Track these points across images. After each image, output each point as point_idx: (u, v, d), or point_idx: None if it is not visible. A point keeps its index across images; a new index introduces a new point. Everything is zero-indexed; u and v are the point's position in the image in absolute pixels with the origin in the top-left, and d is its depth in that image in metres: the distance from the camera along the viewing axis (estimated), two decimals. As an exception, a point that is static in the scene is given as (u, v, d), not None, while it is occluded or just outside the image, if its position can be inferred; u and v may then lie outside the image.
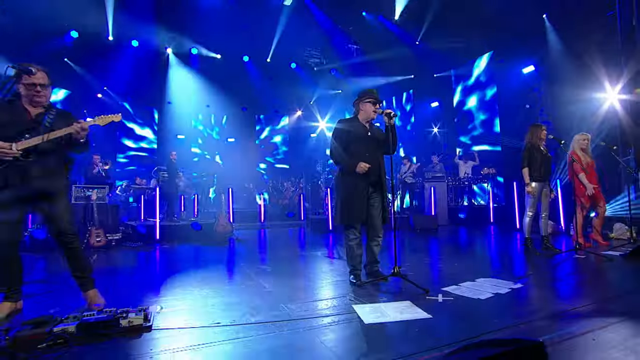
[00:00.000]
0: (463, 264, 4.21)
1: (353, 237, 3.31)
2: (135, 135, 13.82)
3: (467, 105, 12.00)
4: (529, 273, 3.65)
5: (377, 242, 3.40)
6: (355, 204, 3.19)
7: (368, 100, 3.32)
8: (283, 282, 3.51)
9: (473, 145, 11.63)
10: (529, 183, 4.66)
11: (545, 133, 4.80)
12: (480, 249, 5.51)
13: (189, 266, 4.47)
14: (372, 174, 3.24)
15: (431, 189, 8.40)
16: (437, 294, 2.88)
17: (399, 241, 6.33)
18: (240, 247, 6.00)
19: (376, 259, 3.43)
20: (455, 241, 6.29)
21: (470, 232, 7.32)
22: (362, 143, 3.26)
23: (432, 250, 5.38)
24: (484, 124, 11.45)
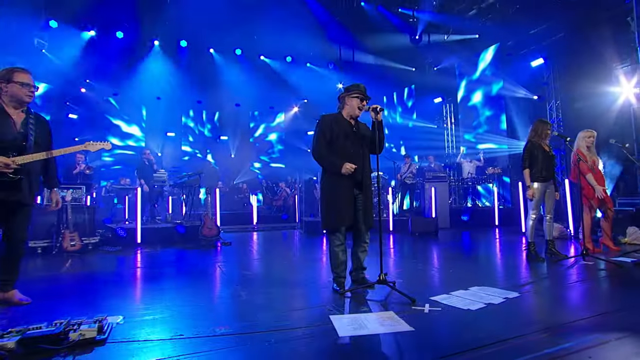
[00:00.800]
0: (459, 271, 4.12)
1: (338, 243, 3.23)
2: (121, 133, 13.79)
3: (472, 101, 11.95)
4: (529, 281, 3.54)
5: (363, 247, 3.34)
6: (341, 207, 3.11)
7: (355, 95, 3.23)
8: (262, 289, 3.46)
9: (478, 143, 11.56)
10: (530, 185, 4.55)
11: (549, 130, 4.68)
12: (480, 254, 5.43)
13: (166, 272, 4.42)
14: (358, 174, 3.16)
15: (432, 189, 8.32)
16: (424, 303, 2.77)
17: (394, 246, 6.30)
18: (227, 251, 5.98)
19: (362, 265, 3.36)
20: (455, 246, 6.22)
21: (472, 236, 7.26)
22: (347, 141, 3.18)
23: (428, 255, 5.32)
24: (490, 120, 11.37)
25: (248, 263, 4.98)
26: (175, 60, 12.36)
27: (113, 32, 10.64)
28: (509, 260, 4.74)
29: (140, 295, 3.35)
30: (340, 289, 3.17)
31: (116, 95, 13.00)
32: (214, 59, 13.14)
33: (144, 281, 3.95)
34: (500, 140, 10.74)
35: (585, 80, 8.25)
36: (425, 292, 3.10)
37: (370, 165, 3.32)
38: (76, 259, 5.14)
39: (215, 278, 4.05)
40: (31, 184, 2.88)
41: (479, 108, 11.73)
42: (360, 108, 3.22)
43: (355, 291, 3.17)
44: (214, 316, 2.70)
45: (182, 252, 5.81)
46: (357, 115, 3.27)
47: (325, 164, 3.19)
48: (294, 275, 4.10)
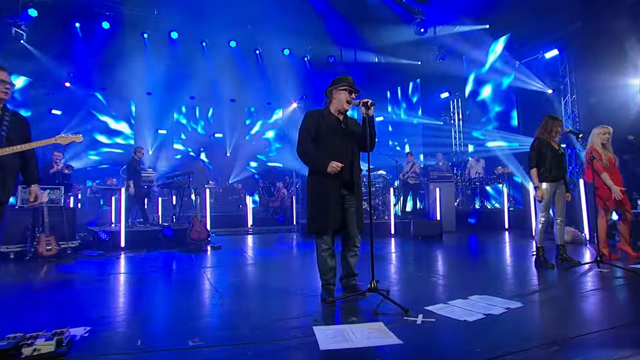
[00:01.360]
0: (460, 278, 4.06)
1: (325, 247, 3.18)
2: (109, 130, 13.75)
3: (481, 96, 11.86)
4: (535, 289, 3.45)
5: (354, 252, 3.29)
6: (327, 209, 3.06)
7: (342, 87, 3.18)
8: (248, 297, 3.43)
9: (487, 140, 11.47)
10: (539, 186, 4.45)
11: (560, 127, 4.58)
12: (485, 259, 5.36)
13: (146, 278, 4.39)
14: (346, 173, 3.10)
15: (436, 190, 8.23)
16: (418, 314, 2.69)
17: (394, 251, 6.26)
18: (216, 255, 5.98)
19: (353, 271, 3.32)
20: (460, 250, 6.17)
21: (479, 240, 7.19)
22: (334, 137, 3.13)
23: (429, 261, 5.26)
24: (500, 116, 11.30)
25: (236, 268, 4.95)
26: (166, 53, 12.30)
27: (99, 22, 10.58)
28: (516, 266, 4.66)
29: (114, 303, 3.29)
30: (328, 297, 3.11)
31: (103, 90, 12.98)
32: (207, 52, 13.09)
33: (120, 288, 3.90)
34: (511, 137, 10.62)
35: (603, 73, 8.11)
36: (421, 301, 3.03)
37: (359, 163, 3.27)
38: (52, 265, 5.09)
39: (198, 285, 4.01)
40: (4, 181, 2.83)
41: (489, 103, 11.63)
42: (349, 102, 3.18)
43: (345, 300, 3.12)
44: (191, 327, 2.64)
45: (168, 257, 5.81)
46: (345, 110, 3.22)
47: (309, 162, 3.15)
48: (284, 282, 4.06)
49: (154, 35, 11.75)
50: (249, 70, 13.93)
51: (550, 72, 9.80)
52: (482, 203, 10.14)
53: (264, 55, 13.47)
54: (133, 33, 11.30)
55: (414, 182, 9.16)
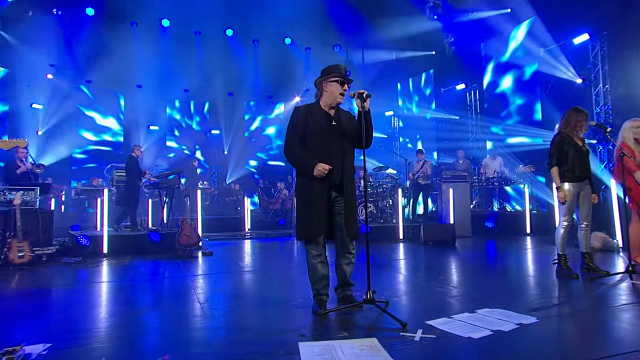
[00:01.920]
0: (471, 288, 3.96)
1: (315, 254, 3.14)
2: (96, 126, 13.86)
3: (501, 87, 11.71)
4: (554, 303, 3.33)
5: (348, 259, 3.23)
6: (313, 214, 3.04)
7: (334, 78, 3.12)
8: (233, 309, 3.40)
9: (507, 137, 11.30)
10: (561, 186, 4.31)
11: (585, 121, 4.44)
12: (501, 268, 5.27)
13: (125, 287, 4.37)
14: (335, 175, 3.06)
15: (449, 191, 8.13)
16: (417, 328, 2.60)
17: (401, 257, 6.22)
18: (207, 262, 6.00)
19: (348, 280, 3.26)
20: (474, 257, 6.12)
21: (497, 246, 7.11)
22: (323, 136, 3.09)
23: (438, 269, 5.20)
24: (522, 110, 11.11)
25: (226, 277, 4.94)
26: (157, 42, 12.35)
27: (82, 8, 10.60)
28: (535, 276, 4.55)
29: (84, 316, 3.23)
30: (320, 309, 3.05)
31: (89, 82, 13.04)
32: (202, 41, 13.11)
33: (94, 299, 3.85)
34: (534, 132, 10.46)
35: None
36: (424, 314, 2.95)
37: (353, 163, 3.22)
38: (23, 273, 5.07)
39: (180, 295, 3.98)
40: None
41: (509, 95, 11.45)
42: (341, 94, 3.12)
43: (340, 312, 3.05)
44: (163, 342, 2.60)
45: (153, 264, 5.80)
46: (337, 103, 3.17)
47: (296, 164, 3.13)
48: (277, 292, 4.04)
49: (143, 23, 11.80)
50: (248, 61, 13.94)
51: (580, 60, 9.57)
52: (501, 205, 9.95)
53: (263, 44, 13.46)
54: (121, 20, 11.35)
55: (425, 182, 9.06)
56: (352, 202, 3.14)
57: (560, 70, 9.84)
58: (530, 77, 10.82)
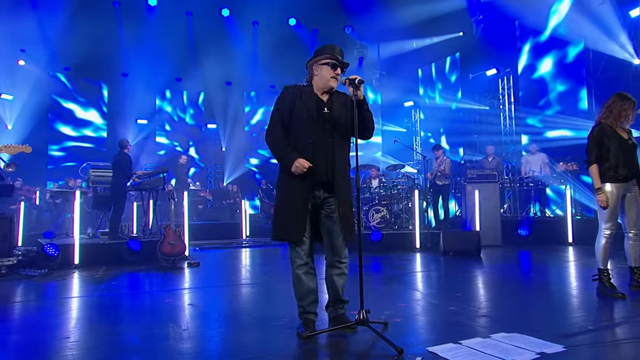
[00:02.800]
0: (490, 308, 3.83)
1: (300, 263, 3.08)
2: (75, 120, 13.99)
3: (539, 72, 11.51)
4: (589, 327, 3.15)
5: (340, 269, 3.14)
6: (290, 214, 3.02)
7: (325, 60, 3.06)
8: (208, 330, 3.36)
9: (545, 130, 11.10)
10: (601, 187, 4.12)
11: (632, 109, 4.24)
12: (532, 284, 5.12)
13: (91, 305, 4.35)
14: (321, 172, 3.00)
15: (475, 193, 8.03)
16: (416, 356, 2.49)
17: (412, 270, 6.19)
18: (192, 274, 6.01)
19: (340, 296, 3.17)
20: (500, 271, 6.04)
21: (531, 258, 6.99)
22: (311, 124, 3.03)
23: (455, 283, 5.12)
24: (564, 98, 10.89)
25: (209, 291, 4.94)
26: (144, 24, 12.41)
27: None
28: (572, 294, 4.41)
29: (37, 339, 3.18)
30: (305, 330, 2.97)
31: (67, 70, 13.15)
32: (195, 23, 13.14)
33: (53, 319, 3.80)
34: (578, 124, 10.22)
35: None
36: (428, 339, 2.91)
37: (346, 157, 3.16)
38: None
39: (152, 312, 4.01)
40: None
41: (549, 81, 11.21)
42: (334, 78, 3.06)
43: (330, 334, 2.99)
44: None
45: (130, 277, 5.83)
46: (330, 88, 3.11)
47: (275, 155, 3.10)
48: (262, 309, 4.01)
49: (127, 2, 11.85)
50: (247, 45, 13.93)
51: (637, 36, 9.22)
52: (541, 210, 9.78)
53: (264, 26, 13.42)
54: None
55: (443, 182, 8.96)
56: (347, 202, 3.07)
57: (614, 49, 9.50)
58: (574, 59, 10.58)
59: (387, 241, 7.83)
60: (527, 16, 11.44)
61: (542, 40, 11.31)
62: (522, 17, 11.67)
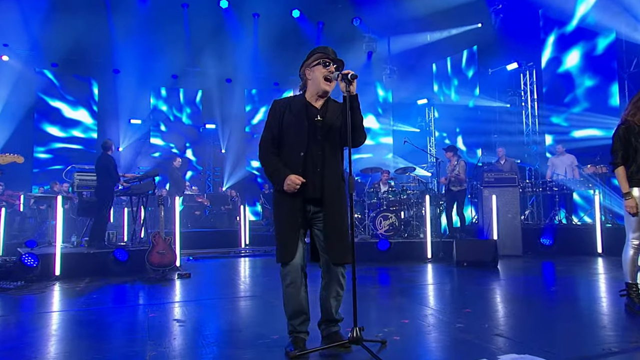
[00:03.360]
0: (502, 325, 3.77)
1: (288, 281, 3.12)
2: (63, 119, 14.05)
3: (564, 66, 11.46)
4: (613, 350, 3.05)
5: (335, 291, 3.17)
6: (282, 234, 3.11)
7: (316, 61, 3.12)
8: (187, 350, 3.32)
9: (572, 129, 11.03)
10: (629, 192, 4.01)
11: None
12: (553, 298, 5.06)
13: (68, 320, 4.34)
14: (310, 185, 3.06)
15: (492, 198, 8.00)
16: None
17: (422, 282, 6.16)
18: (182, 286, 6.04)
19: (333, 315, 3.18)
20: (518, 284, 5.99)
21: (555, 270, 6.96)
22: (301, 135, 3.10)
23: (466, 297, 5.13)
24: (592, 93, 10.83)
25: (197, 305, 4.94)
26: (137, 16, 12.44)
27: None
28: (596, 311, 4.33)
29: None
30: (294, 349, 3.00)
31: (55, 66, 13.24)
32: (191, 15, 13.16)
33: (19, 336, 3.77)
34: (608, 123, 10.12)
35: None
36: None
37: (338, 168, 3.18)
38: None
39: (132, 329, 4.01)
40: None
41: (576, 76, 11.14)
42: (328, 78, 3.09)
43: (321, 354, 3.02)
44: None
45: (114, 289, 5.85)
46: (325, 92, 3.16)
47: (267, 173, 3.20)
48: (252, 325, 4.05)
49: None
50: (248, 39, 13.92)
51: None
52: (567, 216, 9.72)
53: (266, 18, 13.41)
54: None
55: (458, 188, 8.91)
56: (337, 216, 3.08)
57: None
58: (604, 51, 10.51)
59: (396, 250, 7.85)
60: (552, 4, 11.39)
61: (569, 30, 11.25)
62: (546, 5, 11.62)
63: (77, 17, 11.49)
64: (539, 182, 9.74)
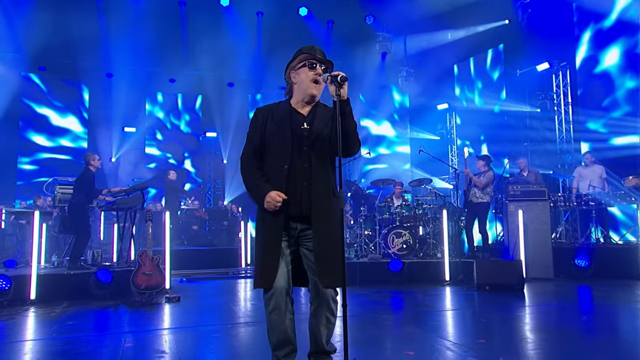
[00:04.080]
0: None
1: (272, 307, 3.02)
2: (50, 128, 14.16)
3: (602, 65, 11.33)
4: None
5: (326, 317, 3.09)
6: (264, 254, 3.06)
7: (301, 62, 3.08)
8: None
9: (611, 135, 10.89)
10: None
11: None
12: (588, 330, 4.94)
13: (37, 350, 4.34)
14: (295, 203, 3.02)
15: (518, 213, 7.97)
16: None
17: (435, 307, 6.08)
18: (170, 311, 6.04)
19: (323, 346, 3.12)
20: (547, 312, 5.87)
21: (591, 295, 6.93)
22: (284, 147, 3.07)
23: (483, 327, 5.04)
24: (634, 96, 10.67)
25: (182, 333, 4.91)
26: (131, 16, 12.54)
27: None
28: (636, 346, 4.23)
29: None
30: None
31: (42, 70, 13.41)
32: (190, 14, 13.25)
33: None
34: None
35: None
36: None
37: (328, 181, 3.10)
38: None
39: None
40: None
41: (615, 76, 11.02)
42: (315, 81, 3.03)
43: None
44: None
45: (94, 314, 5.86)
46: (312, 97, 3.10)
47: (247, 190, 3.20)
48: (236, 357, 4.09)
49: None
50: (251, 40, 13.95)
51: None
52: (603, 234, 9.51)
53: (270, 17, 13.46)
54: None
55: (479, 200, 8.77)
56: (328, 235, 3.00)
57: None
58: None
59: (410, 272, 7.83)
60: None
61: (607, 25, 11.16)
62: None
63: (66, 17, 11.63)
64: (572, 195, 9.54)
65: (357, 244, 9.28)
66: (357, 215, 9.72)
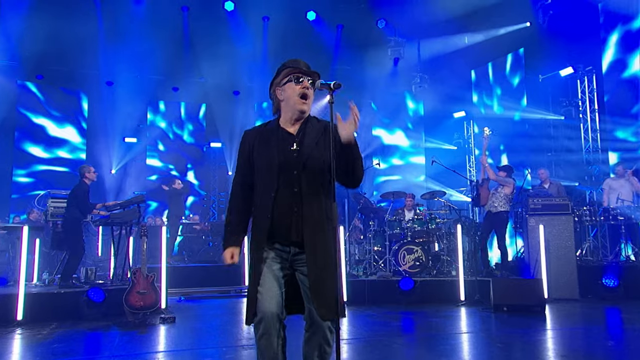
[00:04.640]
0: None
1: (262, 332, 2.94)
2: (47, 138, 14.22)
3: (631, 69, 11.27)
4: None
5: (322, 347, 3.00)
6: (252, 287, 3.01)
7: (286, 77, 3.05)
8: None
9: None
10: None
11: None
12: (613, 356, 4.86)
13: None
14: (284, 232, 2.98)
15: (539, 228, 7.89)
16: None
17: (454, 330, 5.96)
18: (165, 332, 6.04)
19: None
20: (571, 335, 5.83)
21: (621, 318, 6.88)
22: (271, 172, 3.01)
23: (498, 352, 5.02)
24: None
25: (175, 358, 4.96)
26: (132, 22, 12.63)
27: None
28: None
29: None
30: None
31: (40, 78, 13.53)
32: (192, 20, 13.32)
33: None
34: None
35: None
36: None
37: (323, 206, 3.00)
38: None
39: None
40: None
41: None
42: (303, 95, 2.97)
43: None
44: None
45: (81, 337, 5.86)
46: (301, 112, 3.04)
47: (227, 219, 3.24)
48: None
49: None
50: (257, 46, 13.98)
51: None
52: (635, 251, 9.40)
53: (277, 22, 13.49)
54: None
55: (497, 209, 8.63)
56: (323, 263, 2.91)
57: None
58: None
59: (422, 291, 7.77)
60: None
61: (635, 27, 11.11)
62: (607, 0, 11.56)
63: (65, 23, 11.66)
64: (600, 209, 9.41)
65: (365, 260, 9.22)
66: (367, 230, 9.67)
